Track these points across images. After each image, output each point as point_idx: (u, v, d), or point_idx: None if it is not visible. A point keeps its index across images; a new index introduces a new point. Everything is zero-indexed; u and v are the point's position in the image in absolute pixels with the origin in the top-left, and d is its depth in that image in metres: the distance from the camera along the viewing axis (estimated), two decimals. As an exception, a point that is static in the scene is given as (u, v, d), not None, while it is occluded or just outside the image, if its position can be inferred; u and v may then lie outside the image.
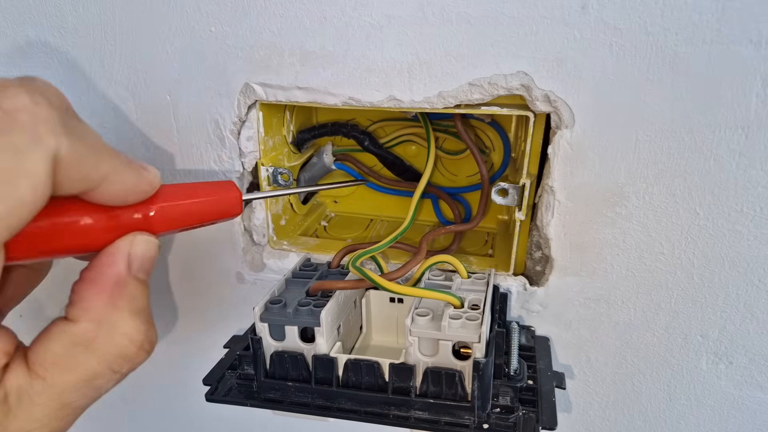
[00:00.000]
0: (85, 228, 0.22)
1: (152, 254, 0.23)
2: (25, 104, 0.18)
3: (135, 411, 0.56)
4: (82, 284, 0.22)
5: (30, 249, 0.21)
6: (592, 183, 0.33)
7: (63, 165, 0.19)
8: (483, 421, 0.30)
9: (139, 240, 0.23)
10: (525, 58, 0.30)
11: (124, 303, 0.22)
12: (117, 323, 0.22)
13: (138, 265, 0.23)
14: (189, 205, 0.25)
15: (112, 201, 0.22)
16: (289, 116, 0.42)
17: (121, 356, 0.22)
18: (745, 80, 0.28)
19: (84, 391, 0.22)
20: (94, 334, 0.21)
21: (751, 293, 0.33)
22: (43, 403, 0.20)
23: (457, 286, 0.33)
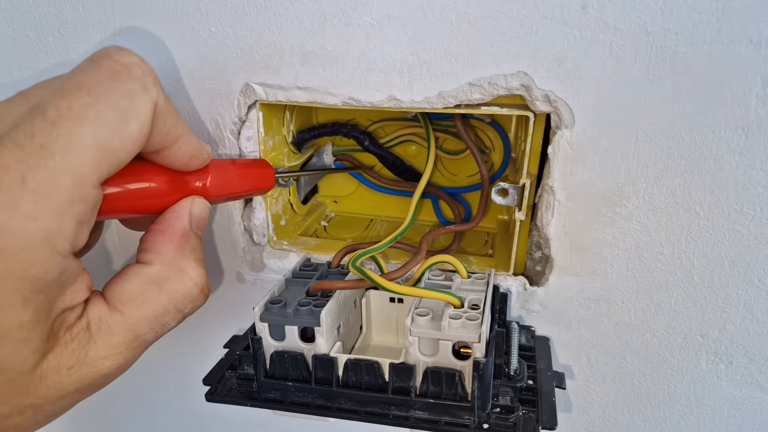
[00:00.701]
0: (158, 190, 0.26)
1: (206, 215, 0.28)
2: (137, 62, 0.23)
3: (135, 411, 0.56)
4: (153, 234, 0.26)
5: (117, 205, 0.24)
6: (592, 183, 0.33)
7: (158, 114, 0.23)
8: (483, 421, 0.30)
9: (198, 201, 0.27)
10: (525, 58, 0.30)
11: (189, 251, 0.26)
12: (185, 267, 0.26)
13: (197, 222, 0.27)
14: (235, 176, 0.30)
15: (179, 162, 0.26)
16: (289, 116, 0.42)
17: (187, 296, 0.26)
18: (745, 80, 0.28)
19: (153, 326, 0.25)
20: (167, 274, 0.25)
21: (751, 293, 0.33)
22: (120, 333, 0.23)
23: (457, 286, 0.33)
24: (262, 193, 0.33)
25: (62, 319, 0.22)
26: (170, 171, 0.26)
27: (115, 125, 0.21)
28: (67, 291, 0.22)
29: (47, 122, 0.20)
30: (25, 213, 0.19)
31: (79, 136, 0.20)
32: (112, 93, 0.21)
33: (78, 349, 0.22)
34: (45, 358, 0.21)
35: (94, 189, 0.21)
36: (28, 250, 0.19)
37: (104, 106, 0.21)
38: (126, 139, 0.22)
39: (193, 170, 0.27)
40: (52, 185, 0.19)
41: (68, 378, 0.22)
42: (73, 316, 0.22)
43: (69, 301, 0.22)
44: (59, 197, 0.20)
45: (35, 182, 0.19)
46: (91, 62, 0.22)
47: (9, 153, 0.19)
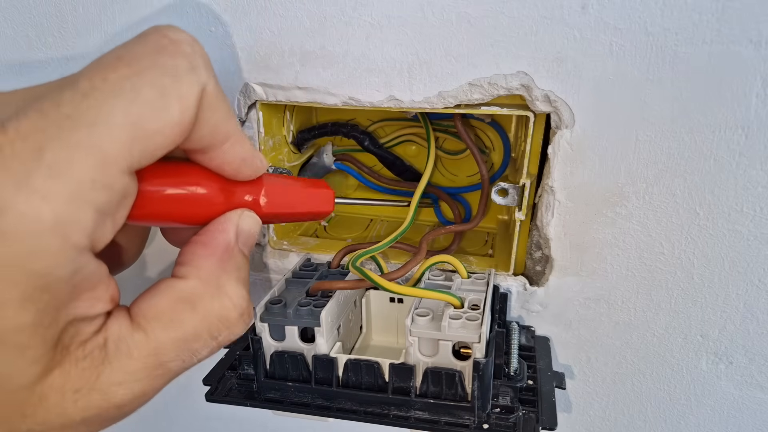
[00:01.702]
0: (208, 197, 0.23)
1: (255, 232, 0.24)
2: (187, 39, 0.21)
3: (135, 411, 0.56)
4: (193, 246, 0.23)
5: (155, 208, 0.21)
6: (592, 183, 0.33)
7: (206, 102, 0.20)
8: (483, 421, 0.30)
9: (247, 215, 0.24)
10: (525, 58, 0.30)
11: (231, 268, 0.23)
12: (224, 285, 0.22)
13: (244, 238, 0.23)
14: (293, 193, 0.27)
15: (229, 167, 0.22)
16: (289, 116, 0.42)
17: (222, 320, 0.22)
18: (745, 80, 0.28)
19: (181, 352, 0.21)
20: (202, 291, 0.22)
21: (751, 293, 0.33)
22: (141, 357, 0.20)
23: (457, 286, 0.33)
24: (319, 217, 0.28)
25: (75, 331, 0.18)
26: (219, 177, 0.23)
27: (153, 103, 0.18)
28: (83, 296, 0.18)
29: (77, 93, 0.17)
30: (36, 190, 0.16)
31: (111, 109, 0.17)
32: (154, 68, 0.19)
33: (89, 369, 0.19)
34: (49, 373, 0.18)
35: (122, 176, 0.18)
36: (35, 236, 0.16)
37: (144, 80, 0.18)
38: (164, 122, 0.19)
39: (245, 180, 0.24)
40: (72, 162, 0.16)
41: (73, 403, 0.18)
42: (89, 330, 0.19)
43: (84, 310, 0.18)
44: (78, 177, 0.17)
45: (53, 155, 0.16)
46: (139, 37, 0.20)
47: (29, 121, 0.16)
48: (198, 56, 0.20)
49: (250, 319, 0.23)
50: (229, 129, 0.22)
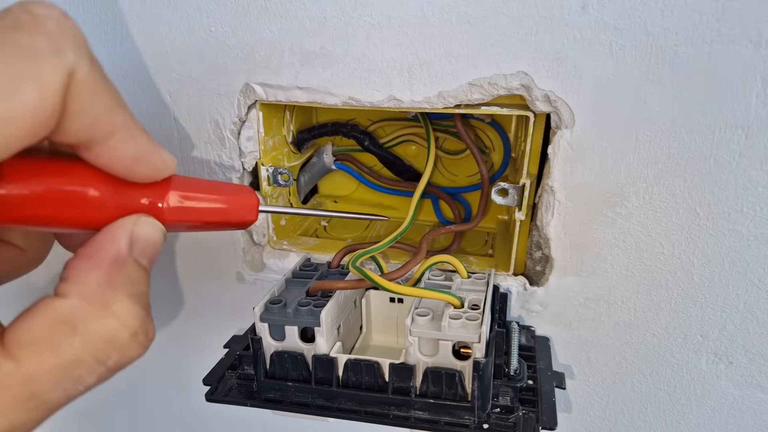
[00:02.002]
0: (89, 198, 0.20)
1: (157, 239, 0.21)
2: (54, 15, 0.17)
3: (135, 411, 0.56)
4: (76, 259, 0.20)
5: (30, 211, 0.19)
6: (592, 183, 0.33)
7: (76, 89, 0.17)
8: (483, 421, 0.30)
9: (144, 221, 0.21)
10: (525, 58, 0.30)
11: (121, 283, 0.20)
12: (111, 302, 0.19)
13: (141, 247, 0.20)
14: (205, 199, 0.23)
15: (118, 166, 0.20)
16: (289, 116, 0.42)
17: (110, 342, 0.19)
18: (745, 80, 0.28)
19: (60, 381, 0.18)
20: (83, 312, 0.18)
21: (751, 293, 0.33)
22: (10, 386, 0.17)
23: (457, 286, 0.33)
24: (240, 226, 0.25)
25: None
26: (113, 178, 0.20)
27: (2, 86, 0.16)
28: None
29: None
30: None
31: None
32: (5, 46, 0.16)
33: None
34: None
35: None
36: None
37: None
38: (16, 110, 0.16)
39: (144, 182, 0.21)
40: None
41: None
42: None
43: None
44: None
45: None
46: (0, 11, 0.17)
47: None
48: (67, 36, 0.17)
49: (146, 339, 0.20)
50: (115, 122, 0.19)
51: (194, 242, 0.42)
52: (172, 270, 0.44)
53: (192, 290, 0.45)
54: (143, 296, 0.20)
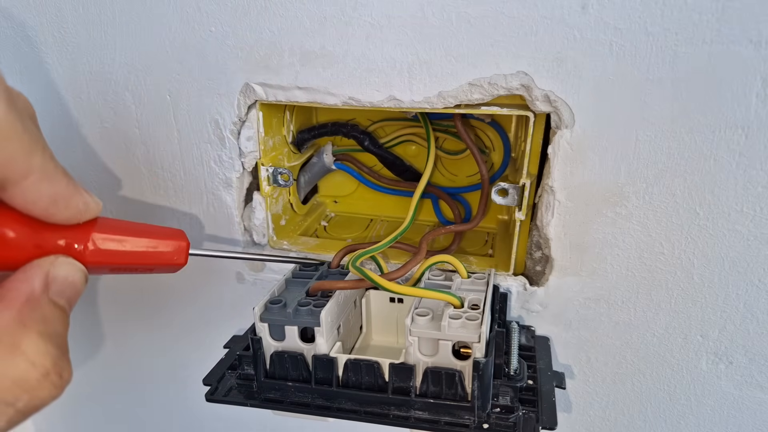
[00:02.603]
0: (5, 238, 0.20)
1: (76, 280, 0.21)
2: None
3: (135, 411, 0.56)
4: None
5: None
6: (592, 183, 0.33)
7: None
8: (483, 421, 0.30)
9: (63, 261, 0.21)
10: (525, 58, 0.30)
11: (33, 322, 0.19)
12: (19, 342, 0.18)
13: (58, 288, 0.20)
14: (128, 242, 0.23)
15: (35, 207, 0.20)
16: (289, 116, 0.42)
17: (19, 383, 0.18)
18: (745, 80, 0.28)
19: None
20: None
21: (751, 293, 0.33)
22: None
23: (457, 286, 0.33)
24: (168, 269, 0.25)
25: None
26: (33, 220, 0.20)
27: None
28: None
29: None
30: None
31: None
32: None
33: None
34: None
35: None
36: None
37: None
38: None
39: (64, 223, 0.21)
40: None
41: None
42: None
43: None
44: None
45: None
46: None
47: None
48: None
49: (59, 380, 0.19)
50: (31, 164, 0.19)
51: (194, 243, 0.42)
52: (172, 270, 0.44)
53: (192, 290, 0.45)
54: (58, 336, 0.20)
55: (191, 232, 0.42)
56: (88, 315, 0.50)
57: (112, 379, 0.54)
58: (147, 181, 0.41)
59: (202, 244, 0.42)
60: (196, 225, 0.41)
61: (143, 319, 0.48)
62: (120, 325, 0.49)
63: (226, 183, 0.39)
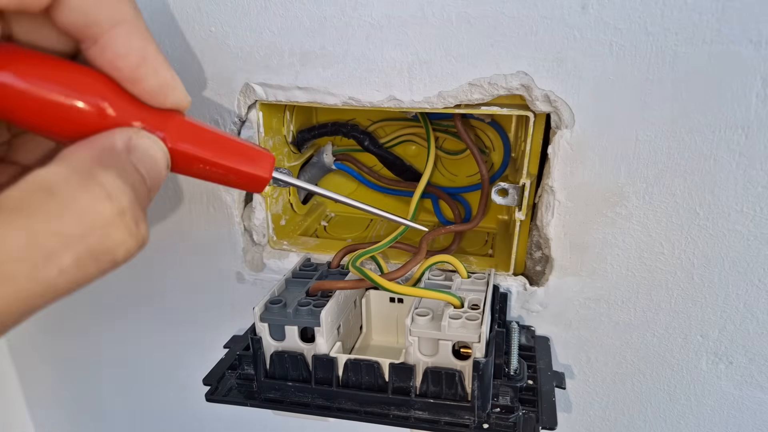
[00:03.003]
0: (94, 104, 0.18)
1: (157, 156, 0.19)
2: None
3: (135, 411, 0.56)
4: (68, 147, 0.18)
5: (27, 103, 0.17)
6: (592, 183, 0.33)
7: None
8: (483, 421, 0.30)
9: (144, 134, 0.19)
10: (525, 58, 0.30)
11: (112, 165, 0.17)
12: (96, 174, 0.17)
13: (138, 156, 0.18)
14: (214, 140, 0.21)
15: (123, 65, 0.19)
16: (289, 116, 0.42)
17: (91, 213, 0.16)
18: (745, 80, 0.28)
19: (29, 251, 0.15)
20: (65, 178, 0.16)
21: (752, 293, 0.33)
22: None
23: (457, 286, 0.33)
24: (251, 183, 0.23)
25: None
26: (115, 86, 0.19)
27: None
28: None
29: None
30: None
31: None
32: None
33: None
34: None
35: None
36: None
37: None
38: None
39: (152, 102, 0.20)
40: None
41: None
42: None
43: None
44: None
45: None
46: None
47: None
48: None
49: (136, 227, 0.17)
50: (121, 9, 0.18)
51: (194, 242, 0.42)
52: (172, 270, 0.44)
53: (192, 290, 0.45)
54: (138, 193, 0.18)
55: (191, 232, 0.42)
56: (88, 315, 0.50)
57: (112, 379, 0.54)
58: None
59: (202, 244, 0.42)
60: (196, 225, 0.41)
61: (143, 318, 0.48)
62: (120, 325, 0.49)
63: (226, 183, 0.39)
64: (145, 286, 0.46)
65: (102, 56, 0.18)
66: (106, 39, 0.18)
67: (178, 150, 0.20)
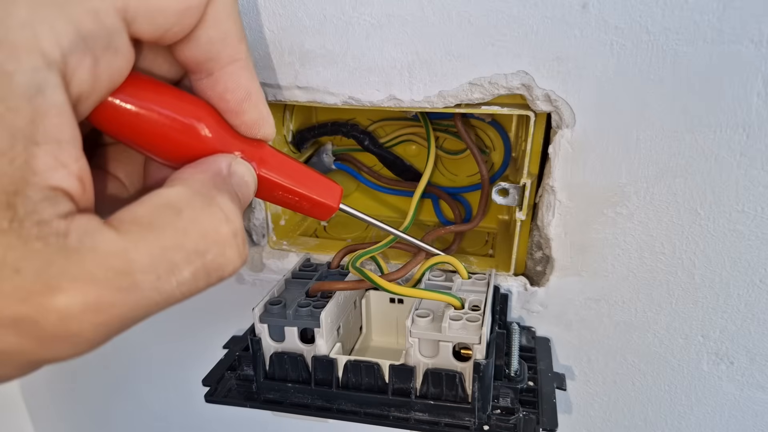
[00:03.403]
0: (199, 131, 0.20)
1: (249, 182, 0.21)
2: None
3: (134, 411, 0.56)
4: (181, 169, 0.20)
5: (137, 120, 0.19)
6: (593, 183, 0.33)
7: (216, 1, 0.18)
8: (483, 423, 0.30)
9: (241, 162, 0.21)
10: (525, 58, 0.30)
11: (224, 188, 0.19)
12: (215, 197, 0.19)
13: (237, 181, 0.21)
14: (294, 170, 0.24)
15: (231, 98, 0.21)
16: (288, 116, 0.42)
17: (212, 234, 0.18)
18: (746, 80, 0.28)
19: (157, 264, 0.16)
20: (189, 199, 0.18)
21: (753, 293, 0.33)
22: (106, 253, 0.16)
23: (458, 286, 0.33)
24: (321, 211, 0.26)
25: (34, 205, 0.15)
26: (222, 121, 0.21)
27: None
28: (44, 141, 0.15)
29: None
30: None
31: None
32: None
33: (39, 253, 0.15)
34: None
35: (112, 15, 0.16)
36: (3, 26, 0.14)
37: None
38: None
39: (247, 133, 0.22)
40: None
41: None
42: (50, 211, 0.15)
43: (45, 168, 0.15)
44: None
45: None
46: None
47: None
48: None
49: (244, 247, 0.19)
50: (241, 48, 0.20)
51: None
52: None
53: (191, 291, 0.45)
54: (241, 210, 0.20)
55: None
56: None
57: (111, 379, 0.54)
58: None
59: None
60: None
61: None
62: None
63: (225, 183, 0.39)
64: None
65: (213, 89, 0.21)
66: (220, 74, 0.20)
67: (263, 177, 0.23)
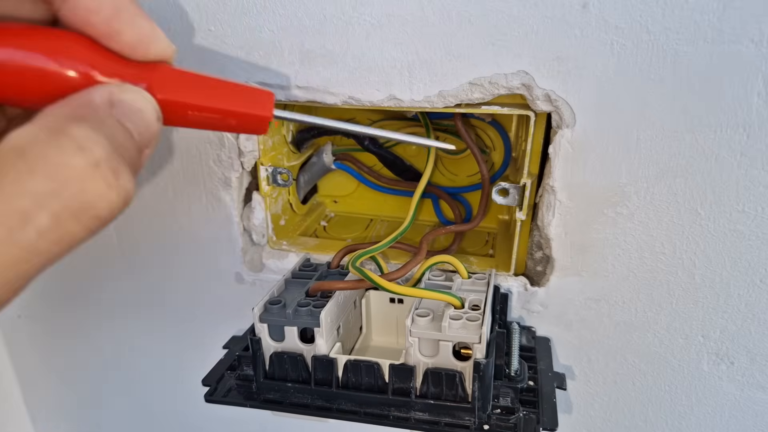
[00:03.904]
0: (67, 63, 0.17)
1: (144, 109, 0.18)
2: None
3: (134, 411, 0.56)
4: None
5: None
6: (594, 182, 0.33)
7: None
8: (483, 422, 0.30)
9: (128, 88, 0.18)
10: (526, 57, 0.30)
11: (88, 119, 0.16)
12: (68, 129, 0.16)
13: (123, 111, 0.18)
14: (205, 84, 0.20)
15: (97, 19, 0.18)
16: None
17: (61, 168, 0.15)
18: (747, 79, 0.28)
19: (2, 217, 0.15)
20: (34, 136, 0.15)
21: (753, 293, 0.33)
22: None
23: (458, 286, 0.33)
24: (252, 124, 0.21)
25: None
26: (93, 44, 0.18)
27: None
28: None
29: None
30: None
31: None
32: None
33: None
34: None
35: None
36: None
37: None
38: None
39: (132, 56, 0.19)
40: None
41: None
42: None
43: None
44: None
45: None
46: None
47: None
48: None
49: (115, 177, 0.16)
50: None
51: (193, 242, 0.42)
52: (172, 271, 0.44)
53: (191, 291, 0.45)
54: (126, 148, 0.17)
55: (190, 232, 0.41)
56: (88, 315, 0.50)
57: (111, 379, 0.54)
58: (146, 182, 0.41)
59: (201, 244, 0.42)
60: (196, 225, 0.41)
61: (142, 319, 0.48)
62: (119, 325, 0.49)
63: (225, 183, 0.39)
64: (145, 287, 0.46)
65: (74, 15, 0.18)
66: None
67: (168, 100, 0.19)
